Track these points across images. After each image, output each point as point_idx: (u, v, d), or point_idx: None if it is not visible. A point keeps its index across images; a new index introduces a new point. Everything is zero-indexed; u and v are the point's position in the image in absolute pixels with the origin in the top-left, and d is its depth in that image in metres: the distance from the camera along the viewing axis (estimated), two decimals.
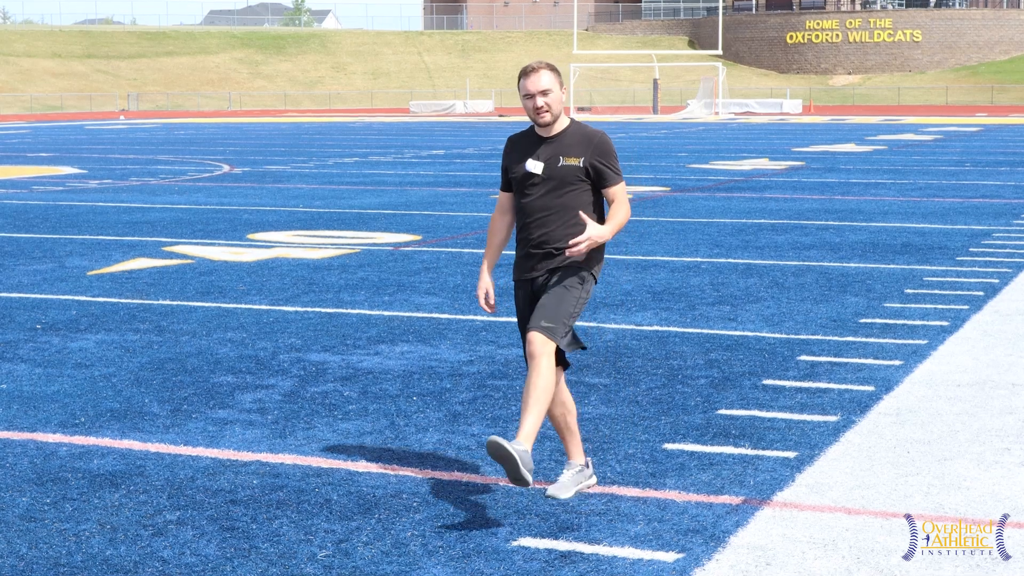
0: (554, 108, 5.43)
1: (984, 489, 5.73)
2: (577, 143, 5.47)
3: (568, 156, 5.44)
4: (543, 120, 5.44)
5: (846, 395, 7.40)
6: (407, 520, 5.37)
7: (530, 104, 5.43)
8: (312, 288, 11.46)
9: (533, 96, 5.41)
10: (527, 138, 5.58)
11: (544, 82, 5.42)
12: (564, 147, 5.47)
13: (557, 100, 5.44)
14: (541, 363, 5.26)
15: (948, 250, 13.68)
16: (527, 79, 5.43)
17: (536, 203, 5.48)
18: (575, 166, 5.43)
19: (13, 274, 12.47)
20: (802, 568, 4.81)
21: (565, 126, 5.53)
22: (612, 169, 5.48)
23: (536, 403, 5.21)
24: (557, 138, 5.49)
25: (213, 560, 4.93)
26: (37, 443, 6.56)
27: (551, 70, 5.47)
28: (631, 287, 11.38)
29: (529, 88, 5.42)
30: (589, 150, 5.45)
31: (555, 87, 5.44)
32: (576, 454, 5.68)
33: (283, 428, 6.81)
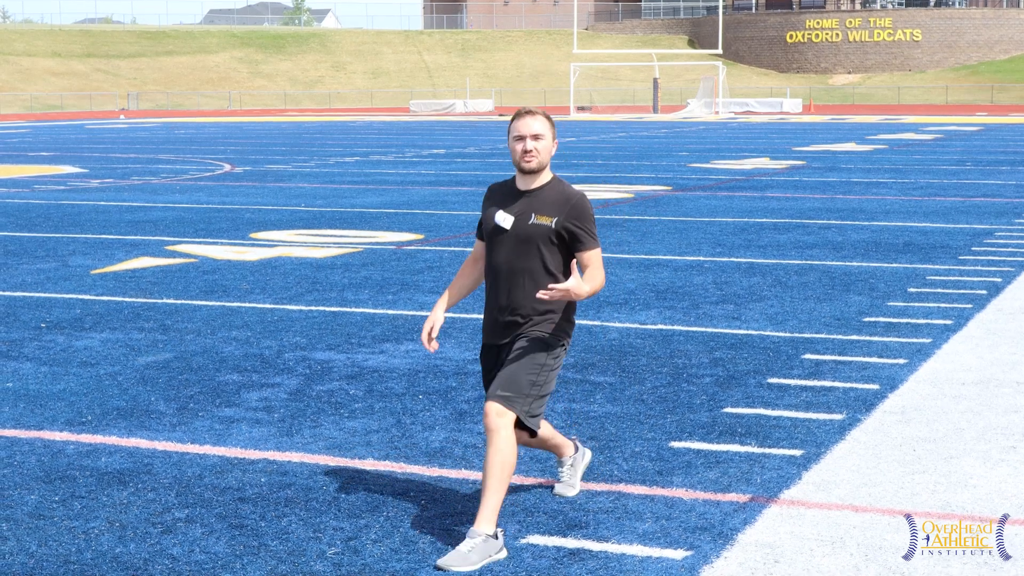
0: (542, 156, 5.14)
1: (991, 487, 5.74)
2: (552, 202, 5.15)
3: (540, 214, 5.13)
4: (528, 166, 5.13)
5: (851, 393, 7.42)
6: (416, 518, 5.38)
7: (519, 146, 5.13)
8: (316, 287, 11.48)
9: (524, 138, 5.13)
10: (505, 189, 5.30)
11: (537, 127, 5.15)
12: (539, 204, 5.16)
13: (547, 149, 5.15)
14: (498, 438, 4.96)
15: (950, 249, 13.69)
16: (520, 120, 5.17)
17: (503, 263, 5.18)
18: (546, 226, 5.11)
19: (17, 273, 12.48)
20: (811, 565, 4.82)
21: (546, 182, 5.21)
22: (588, 233, 5.14)
23: (496, 483, 4.94)
24: (534, 193, 5.18)
25: (223, 557, 4.95)
26: (44, 441, 6.57)
27: (547, 119, 5.21)
28: (634, 286, 11.40)
29: (521, 130, 5.14)
30: (564, 211, 5.12)
31: (548, 135, 5.16)
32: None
33: (290, 426, 6.82)
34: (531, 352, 5.12)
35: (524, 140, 5.13)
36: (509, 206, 5.21)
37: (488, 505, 4.94)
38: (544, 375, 5.13)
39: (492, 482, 4.94)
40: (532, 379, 5.08)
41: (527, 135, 5.13)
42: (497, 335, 5.22)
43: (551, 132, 5.19)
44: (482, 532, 4.92)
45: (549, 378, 5.15)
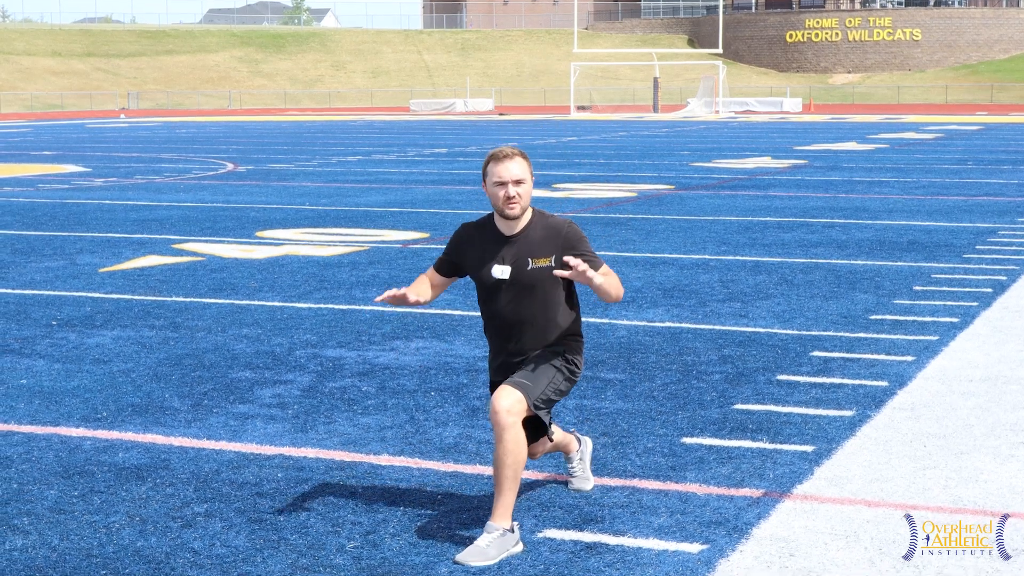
0: (524, 200, 5.01)
1: (1002, 482, 5.79)
2: (544, 239, 5.05)
3: (537, 257, 5.03)
4: (511, 213, 5.00)
5: (860, 390, 7.47)
6: (433, 512, 5.44)
7: (500, 192, 4.97)
8: (323, 285, 11.53)
9: (505, 184, 4.96)
10: (487, 233, 5.13)
11: (518, 171, 4.99)
12: (531, 246, 5.04)
13: (529, 191, 5.03)
14: (508, 436, 4.92)
15: (955, 247, 13.75)
16: (500, 165, 4.97)
17: (507, 312, 5.12)
18: (546, 267, 5.03)
19: (25, 271, 12.53)
20: (825, 559, 4.88)
21: (528, 220, 5.10)
22: (587, 258, 5.03)
23: (509, 480, 4.96)
24: (522, 236, 5.07)
25: (243, 551, 5.00)
26: (61, 437, 6.62)
27: (524, 158, 5.03)
28: (641, 284, 11.45)
29: (503, 175, 4.97)
30: (558, 245, 5.03)
31: (528, 177, 5.02)
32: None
33: (304, 422, 6.87)
34: (547, 358, 5.16)
35: (506, 187, 4.98)
36: (499, 254, 5.08)
37: (502, 501, 4.98)
38: (558, 375, 5.12)
39: (505, 479, 4.96)
40: (546, 377, 5.09)
41: (508, 181, 4.97)
42: (509, 374, 5.20)
43: (530, 172, 5.04)
44: (499, 527, 4.95)
45: (561, 383, 5.12)
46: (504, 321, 5.14)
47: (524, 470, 5.93)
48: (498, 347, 5.22)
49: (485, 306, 5.21)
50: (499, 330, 5.18)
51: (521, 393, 4.99)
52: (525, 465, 5.94)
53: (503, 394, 4.97)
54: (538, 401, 5.06)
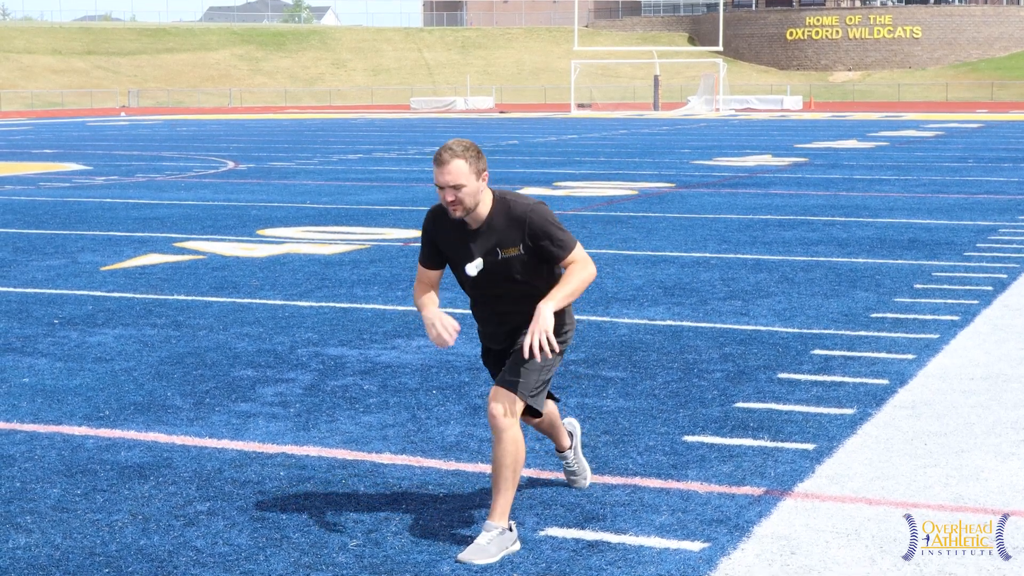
0: (467, 202, 4.91)
1: (1002, 480, 5.81)
2: (508, 228, 4.97)
3: (506, 247, 4.98)
4: (454, 215, 4.95)
5: (861, 388, 7.48)
6: (435, 511, 5.45)
7: (441, 195, 4.94)
8: (325, 283, 11.54)
9: (443, 189, 4.91)
10: (455, 222, 5.07)
11: (454, 176, 4.87)
12: (497, 236, 4.99)
13: (472, 193, 4.90)
14: (506, 437, 4.95)
15: (955, 245, 13.76)
16: (438, 169, 4.89)
17: (487, 294, 5.14)
18: (517, 255, 4.99)
19: (27, 269, 12.55)
20: (826, 557, 4.89)
21: (490, 209, 5.00)
22: (556, 244, 4.96)
23: (507, 481, 4.98)
24: (487, 225, 5.00)
25: (246, 549, 5.01)
26: (64, 435, 6.63)
27: (467, 158, 4.88)
28: (642, 282, 11.46)
29: (438, 179, 4.90)
30: (523, 233, 4.97)
31: (470, 180, 4.88)
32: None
33: (306, 421, 6.88)
34: None
35: (443, 192, 4.91)
36: (467, 248, 5.04)
37: (500, 501, 5.00)
38: (551, 366, 5.11)
39: (503, 480, 4.98)
40: (538, 365, 5.03)
41: (446, 188, 4.89)
42: (498, 341, 5.24)
43: (474, 171, 4.89)
44: (498, 525, 4.97)
45: (552, 361, 5.08)
46: (486, 300, 5.18)
47: (526, 468, 5.95)
48: (484, 318, 5.24)
49: (466, 290, 5.21)
50: (482, 306, 5.22)
51: (514, 394, 4.99)
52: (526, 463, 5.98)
53: (497, 397, 4.99)
54: (533, 391, 5.04)
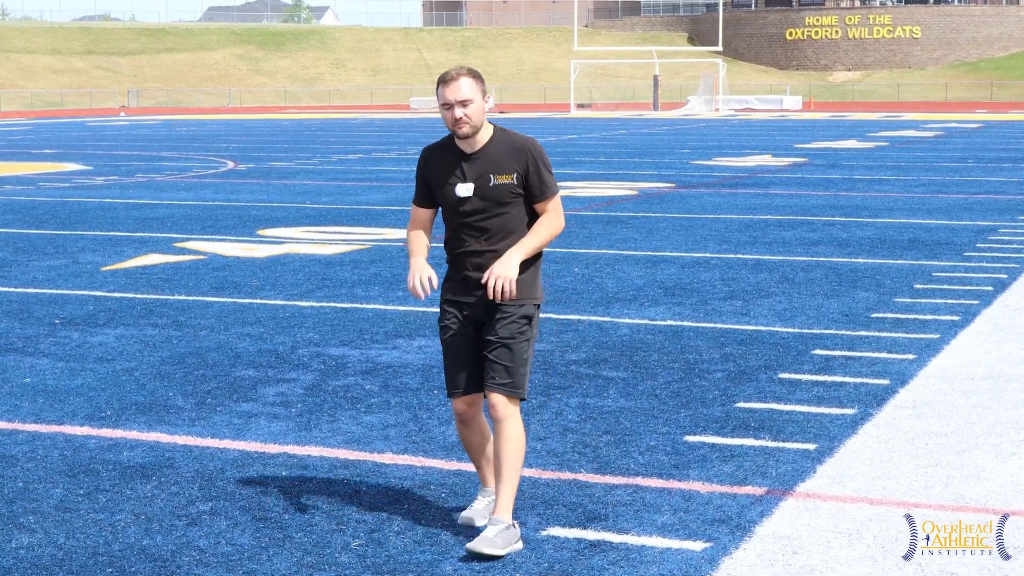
0: (474, 119, 4.98)
1: (1003, 480, 5.82)
2: (506, 156, 5.03)
3: (499, 173, 5.01)
4: (462, 132, 4.99)
5: (862, 388, 7.49)
6: (437, 510, 5.46)
7: (448, 115, 4.97)
8: (326, 283, 11.55)
9: (452, 106, 4.95)
10: (448, 152, 5.12)
11: (463, 91, 4.96)
12: (493, 163, 5.03)
13: (478, 111, 4.98)
14: (508, 427, 4.98)
15: (955, 246, 13.77)
16: (445, 87, 4.96)
17: (468, 226, 5.06)
18: (508, 183, 5.02)
19: (28, 270, 12.55)
20: (828, 556, 4.90)
21: (489, 137, 5.07)
22: (543, 182, 5.04)
23: (510, 472, 5.00)
24: (483, 152, 5.05)
25: (249, 549, 5.02)
26: (66, 436, 6.64)
27: (472, 77, 5.00)
28: (642, 282, 11.47)
29: (448, 97, 4.96)
30: (521, 163, 5.02)
31: (476, 96, 4.98)
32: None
33: (308, 421, 6.89)
34: (518, 333, 5.04)
35: (452, 108, 4.96)
36: (460, 171, 5.06)
37: (505, 494, 4.99)
38: (531, 347, 5.10)
39: (506, 471, 4.98)
40: (525, 358, 5.06)
41: (454, 102, 4.96)
42: (467, 292, 5.09)
43: (480, 90, 5.00)
44: (503, 520, 4.96)
45: (531, 342, 5.09)
46: (467, 235, 5.07)
47: (528, 468, 5.96)
48: (459, 263, 5.12)
49: (448, 223, 5.14)
50: (460, 246, 5.10)
51: (509, 394, 5.01)
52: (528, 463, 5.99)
53: (493, 399, 5.00)
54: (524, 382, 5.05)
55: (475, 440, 5.29)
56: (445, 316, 5.17)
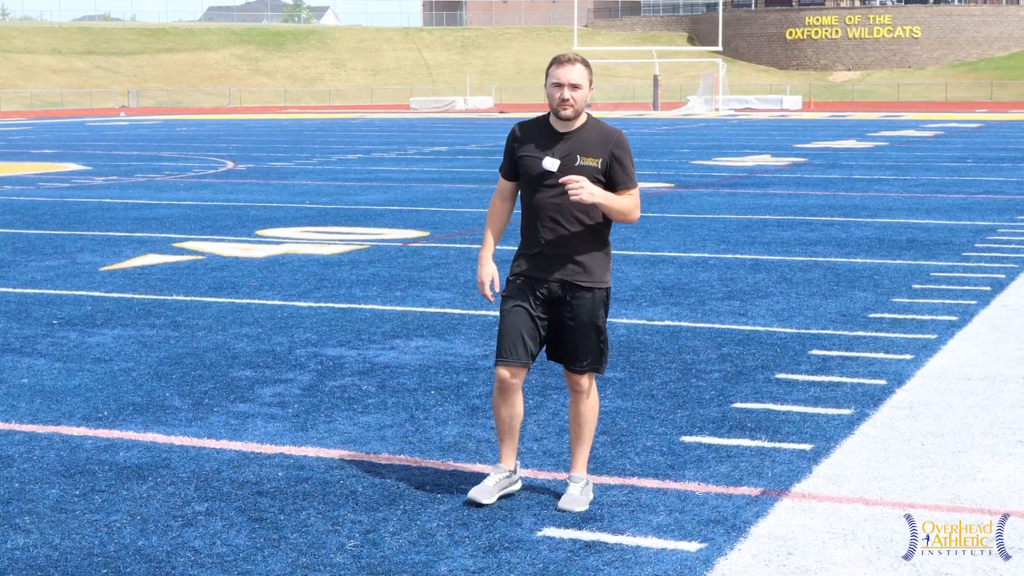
0: (579, 104, 5.32)
1: (999, 480, 5.82)
2: (596, 142, 5.35)
3: (586, 156, 5.32)
4: (565, 114, 5.32)
5: (859, 389, 7.49)
6: (432, 511, 5.46)
7: (557, 94, 5.31)
8: (324, 284, 11.55)
9: (562, 86, 5.30)
10: (540, 128, 5.44)
11: (576, 76, 5.30)
12: (582, 145, 5.34)
13: (583, 97, 5.33)
14: (592, 396, 5.55)
15: (953, 246, 13.77)
16: (560, 68, 5.33)
17: (548, 202, 5.35)
18: (593, 167, 5.31)
19: (26, 270, 12.55)
20: (823, 557, 4.90)
21: (583, 122, 5.40)
22: (626, 172, 5.37)
23: (590, 433, 5.59)
24: (575, 134, 5.36)
25: (244, 550, 5.02)
26: (62, 436, 6.64)
27: (585, 66, 5.36)
28: (640, 282, 11.47)
29: (560, 78, 5.31)
30: (608, 150, 5.34)
31: (585, 84, 5.32)
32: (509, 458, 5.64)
33: (304, 421, 6.89)
34: (597, 317, 5.47)
35: (562, 88, 5.30)
36: (550, 148, 5.37)
37: (582, 453, 5.56)
38: (604, 326, 5.52)
39: (586, 432, 5.56)
40: (605, 337, 5.53)
41: (565, 84, 5.30)
42: (542, 270, 5.41)
43: (588, 80, 5.34)
44: (583, 476, 5.55)
45: (605, 323, 5.54)
46: (546, 210, 5.37)
47: (524, 468, 5.97)
48: (534, 239, 5.42)
49: (527, 198, 5.46)
50: (538, 222, 5.40)
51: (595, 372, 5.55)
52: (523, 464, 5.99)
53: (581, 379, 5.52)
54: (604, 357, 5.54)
55: (507, 413, 5.55)
56: (512, 287, 5.48)
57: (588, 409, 5.54)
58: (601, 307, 5.47)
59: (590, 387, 5.53)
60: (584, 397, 5.53)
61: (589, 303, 5.42)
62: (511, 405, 5.51)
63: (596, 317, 5.45)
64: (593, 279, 5.41)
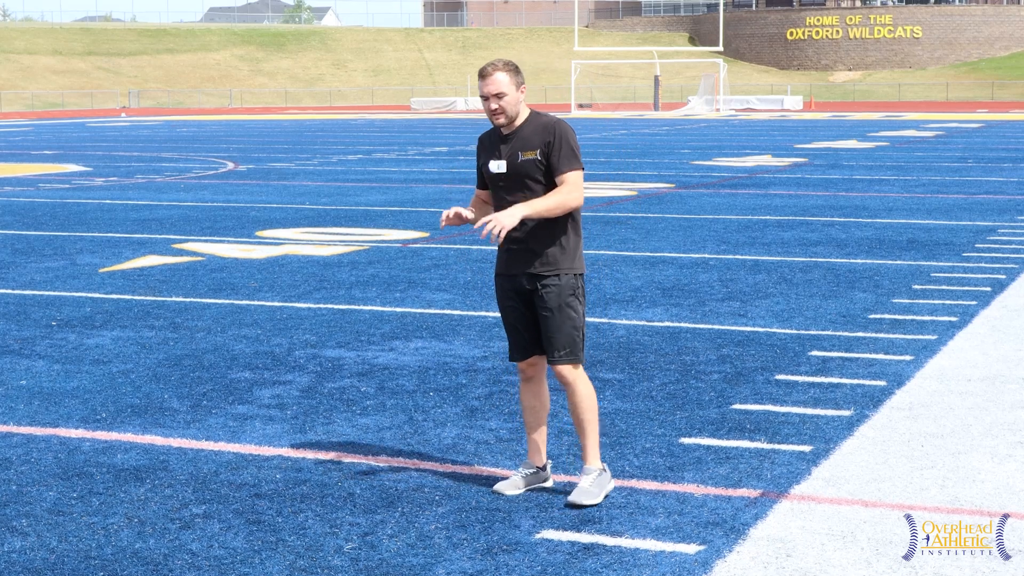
0: (508, 111, 5.49)
1: (999, 482, 5.80)
2: (533, 135, 5.54)
3: (526, 150, 5.53)
4: (497, 122, 5.54)
5: (858, 390, 7.48)
6: (430, 513, 5.45)
7: (485, 105, 5.53)
8: (323, 285, 11.54)
9: (487, 99, 5.50)
10: (493, 135, 5.66)
11: (498, 85, 5.47)
12: (522, 141, 5.55)
13: (512, 102, 5.49)
14: (579, 386, 5.58)
15: (954, 246, 13.76)
16: (482, 81, 5.50)
17: (508, 203, 5.56)
18: (533, 159, 5.51)
19: (25, 271, 12.54)
20: (822, 559, 4.89)
21: (524, 119, 5.58)
22: (563, 156, 5.50)
23: (591, 423, 5.60)
24: (516, 133, 5.57)
25: (241, 552, 5.01)
26: (60, 438, 6.63)
27: (508, 71, 5.50)
28: (640, 283, 11.45)
29: (484, 90, 5.50)
30: (545, 139, 5.52)
31: (511, 90, 5.48)
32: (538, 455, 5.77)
33: (303, 423, 6.88)
34: (567, 305, 5.53)
35: (488, 101, 5.50)
36: (498, 151, 5.59)
37: (590, 444, 5.60)
38: (582, 317, 5.60)
39: (587, 424, 5.59)
40: (576, 326, 5.56)
41: (489, 96, 5.49)
42: (511, 266, 5.60)
43: (514, 83, 5.48)
44: (595, 467, 5.58)
45: (582, 312, 5.61)
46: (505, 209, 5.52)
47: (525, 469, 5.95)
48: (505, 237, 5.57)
49: (494, 201, 5.67)
50: None
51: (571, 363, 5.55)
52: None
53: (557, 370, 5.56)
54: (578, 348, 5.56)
55: (533, 403, 5.74)
56: (498, 288, 5.73)
57: (580, 399, 5.59)
58: (570, 293, 5.55)
59: (576, 378, 5.58)
60: (571, 390, 5.60)
61: (557, 290, 5.54)
62: (533, 395, 5.73)
63: (566, 303, 5.53)
64: (558, 266, 5.55)
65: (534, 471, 5.73)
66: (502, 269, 5.67)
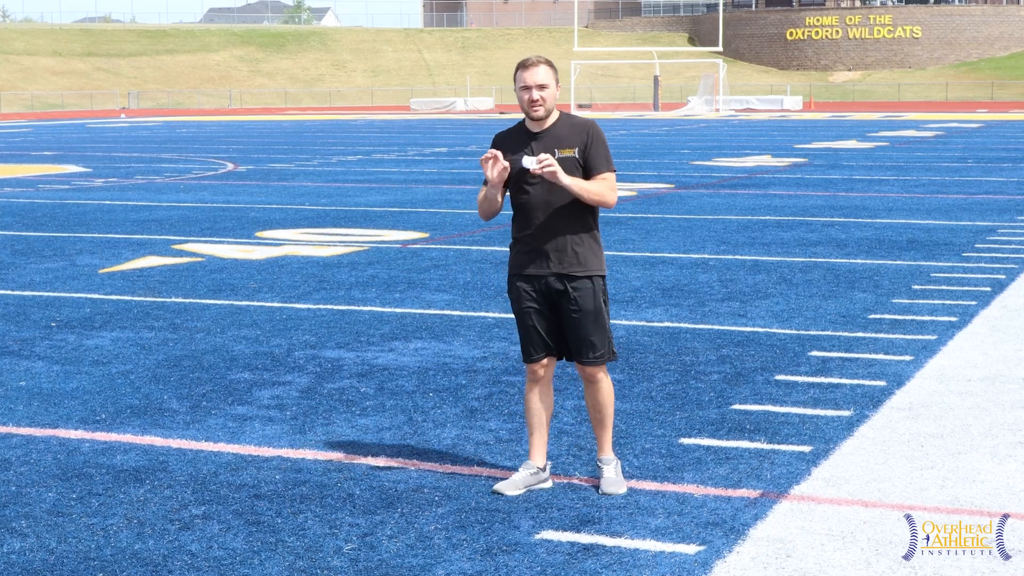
0: (548, 103, 5.56)
1: (999, 482, 5.80)
2: (570, 133, 5.59)
3: (563, 147, 5.56)
4: (536, 113, 5.56)
5: (858, 390, 7.47)
6: (430, 514, 5.44)
7: (526, 96, 5.56)
8: (323, 285, 11.53)
9: (530, 88, 5.54)
10: (517, 133, 5.67)
11: (541, 77, 5.55)
12: (557, 139, 5.58)
13: (552, 96, 5.57)
14: (604, 384, 5.72)
15: (954, 246, 13.75)
16: (525, 71, 5.56)
17: (536, 200, 5.57)
18: (571, 157, 5.55)
19: (25, 272, 12.54)
20: (822, 559, 4.88)
21: (555, 119, 5.63)
22: (602, 157, 5.57)
23: (609, 418, 5.76)
24: (549, 131, 5.60)
25: (240, 553, 5.00)
26: (60, 439, 6.63)
27: (549, 66, 5.60)
28: (640, 283, 11.45)
29: (527, 80, 5.55)
30: (582, 139, 5.58)
31: (551, 83, 5.57)
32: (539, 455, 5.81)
33: (302, 424, 6.88)
34: (596, 306, 5.61)
35: (530, 91, 5.54)
36: (527, 148, 5.59)
37: (608, 436, 5.76)
38: (607, 313, 5.68)
39: (606, 418, 5.74)
40: (607, 326, 5.65)
41: (532, 85, 5.53)
42: (537, 266, 5.61)
43: (554, 78, 5.57)
44: (614, 457, 5.77)
45: (606, 306, 5.68)
46: (534, 209, 5.58)
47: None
48: (527, 236, 5.62)
49: (516, 199, 5.65)
50: (529, 219, 5.61)
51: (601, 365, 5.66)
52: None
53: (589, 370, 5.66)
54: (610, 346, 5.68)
55: (538, 404, 5.77)
56: (516, 289, 5.70)
57: (606, 395, 5.73)
58: (601, 294, 5.64)
59: (602, 379, 5.70)
60: (597, 386, 5.70)
61: (590, 291, 5.59)
62: (541, 397, 5.76)
63: (599, 304, 5.61)
64: (589, 267, 5.60)
65: (534, 471, 5.74)
66: (523, 270, 5.65)
